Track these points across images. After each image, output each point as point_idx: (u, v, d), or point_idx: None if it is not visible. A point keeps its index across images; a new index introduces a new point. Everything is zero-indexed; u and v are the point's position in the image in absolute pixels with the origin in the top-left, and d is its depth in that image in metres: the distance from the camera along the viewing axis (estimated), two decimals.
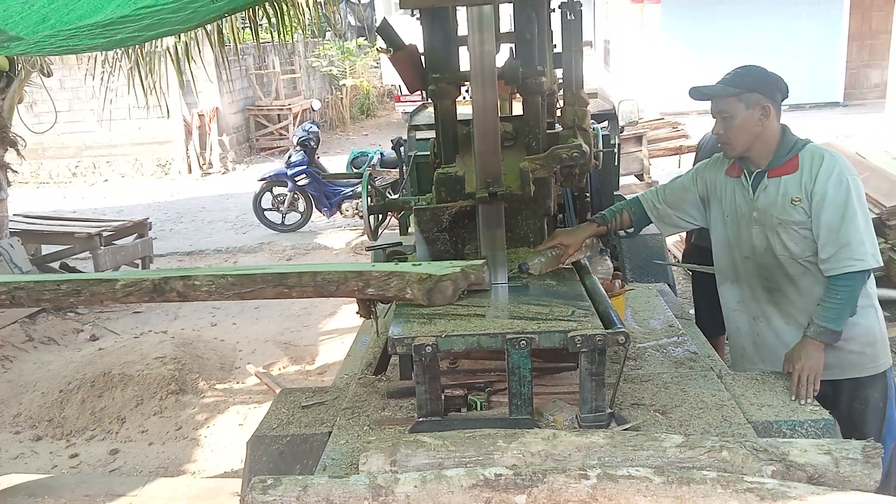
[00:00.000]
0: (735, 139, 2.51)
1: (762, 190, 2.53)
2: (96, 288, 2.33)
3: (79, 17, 3.00)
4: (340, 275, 2.29)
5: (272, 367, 5.24)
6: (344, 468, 2.10)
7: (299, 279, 2.29)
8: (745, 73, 2.51)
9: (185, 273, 2.34)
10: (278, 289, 2.30)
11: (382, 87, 19.37)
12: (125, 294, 2.32)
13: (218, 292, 2.30)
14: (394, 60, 2.71)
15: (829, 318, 2.41)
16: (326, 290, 2.30)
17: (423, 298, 2.24)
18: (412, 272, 2.27)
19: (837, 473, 1.73)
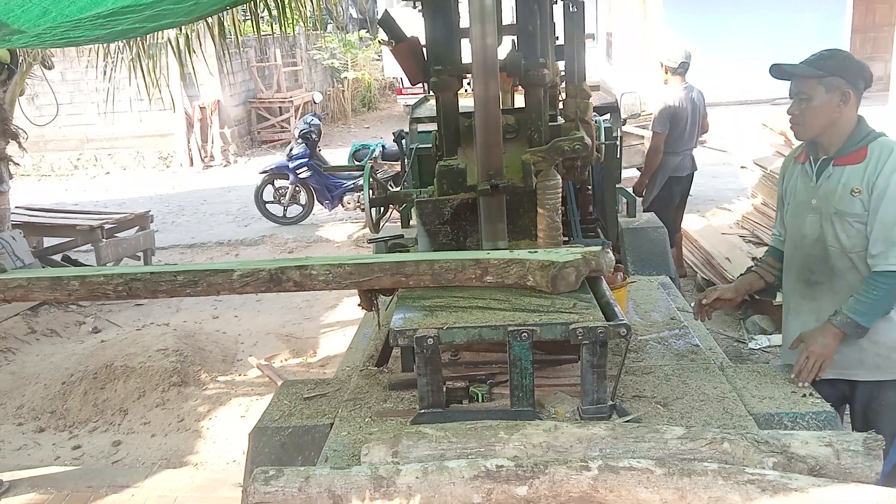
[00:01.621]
0: (809, 122, 2.45)
1: (825, 178, 2.48)
2: (213, 278, 2.33)
3: (80, 9, 2.99)
4: (458, 262, 2.30)
5: (274, 359, 5.25)
6: (346, 459, 2.11)
7: (416, 267, 2.30)
8: (830, 56, 2.44)
9: (302, 263, 2.34)
10: (395, 277, 2.31)
11: (384, 80, 19.33)
12: (242, 284, 2.32)
13: (335, 281, 2.31)
14: (395, 53, 2.70)
15: (860, 312, 2.38)
16: (444, 278, 2.31)
17: (547, 286, 2.24)
18: (533, 259, 2.27)
19: (838, 465, 1.74)
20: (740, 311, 5.24)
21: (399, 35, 2.66)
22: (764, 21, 13.94)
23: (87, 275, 2.42)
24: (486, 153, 2.40)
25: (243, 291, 2.37)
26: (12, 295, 2.52)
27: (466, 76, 2.62)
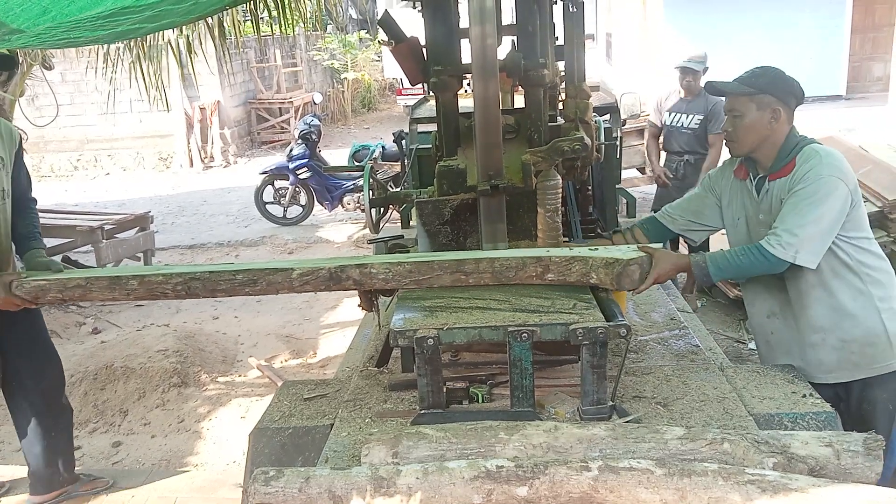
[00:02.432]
0: (742, 138, 2.50)
1: (765, 193, 2.52)
2: (273, 277, 2.34)
3: (80, 9, 2.99)
4: (519, 260, 2.30)
5: (274, 359, 5.24)
6: (346, 460, 2.10)
7: (477, 265, 2.30)
8: (762, 73, 2.49)
9: (362, 261, 2.35)
10: (455, 275, 2.31)
11: (384, 80, 19.35)
12: (302, 283, 2.33)
13: (395, 279, 2.32)
14: (395, 53, 2.70)
15: (717, 265, 2.41)
16: (504, 276, 2.31)
17: (612, 283, 2.25)
18: (596, 256, 2.27)
19: (839, 465, 1.74)
20: (739, 312, 5.24)
21: (399, 35, 2.66)
22: (764, 21, 13.94)
23: (145, 274, 2.43)
24: (485, 153, 2.40)
25: (302, 290, 2.37)
26: (70, 294, 2.54)
27: (466, 76, 2.62)
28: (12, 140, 3.01)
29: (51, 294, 2.56)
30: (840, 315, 2.47)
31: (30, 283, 2.58)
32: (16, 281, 2.59)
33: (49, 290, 2.55)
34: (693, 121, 5.36)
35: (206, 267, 2.47)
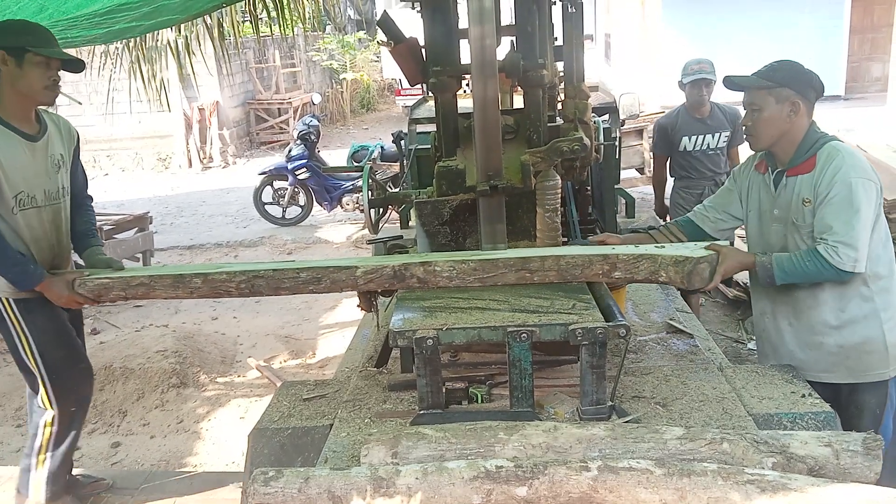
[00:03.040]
0: (761, 133, 2.48)
1: (782, 188, 2.51)
2: (336, 275, 2.34)
3: (76, 6, 2.99)
4: (585, 258, 2.29)
5: (273, 360, 5.24)
6: (345, 460, 2.11)
7: (542, 263, 2.29)
8: (780, 67, 2.47)
9: (426, 259, 2.35)
10: (520, 273, 2.31)
11: (383, 81, 19.34)
12: (366, 281, 2.33)
13: (459, 277, 2.31)
14: (394, 54, 2.70)
15: (783, 269, 2.39)
16: (570, 274, 2.31)
17: (682, 281, 2.24)
18: (665, 254, 2.26)
19: (838, 465, 1.74)
20: (739, 312, 5.24)
21: (398, 36, 2.66)
22: (763, 22, 13.95)
23: (209, 272, 2.42)
24: (485, 154, 2.40)
25: (366, 288, 2.37)
26: (133, 293, 2.54)
27: (465, 77, 2.62)
28: (71, 137, 3.02)
29: (114, 292, 2.55)
30: (843, 320, 2.47)
31: (93, 282, 2.57)
32: (78, 279, 2.59)
33: (112, 288, 2.54)
34: (721, 139, 4.62)
35: (270, 265, 2.46)
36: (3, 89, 2.72)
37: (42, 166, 2.84)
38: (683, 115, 4.65)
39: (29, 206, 2.79)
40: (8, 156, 2.71)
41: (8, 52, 2.66)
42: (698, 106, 4.57)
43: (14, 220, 2.76)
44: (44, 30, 2.76)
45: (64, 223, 2.96)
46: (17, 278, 2.72)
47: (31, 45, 2.66)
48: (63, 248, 2.96)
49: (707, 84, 4.50)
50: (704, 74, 4.47)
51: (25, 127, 2.79)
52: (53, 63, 2.72)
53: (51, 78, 2.73)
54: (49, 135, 2.87)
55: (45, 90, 2.74)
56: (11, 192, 2.73)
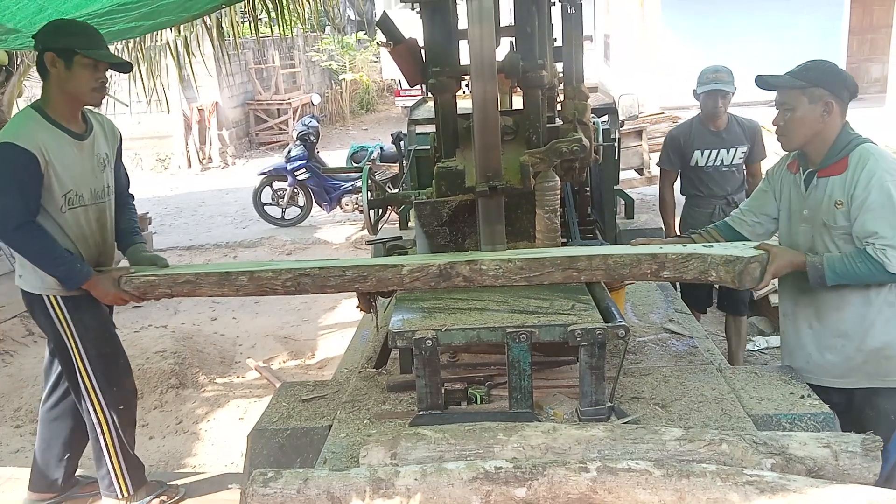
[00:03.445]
0: (793, 133, 2.46)
1: (813, 188, 2.48)
2: (382, 274, 2.33)
3: (75, 7, 2.99)
4: (633, 257, 2.28)
5: (272, 361, 5.24)
6: (344, 461, 2.10)
7: (589, 262, 2.29)
8: (814, 66, 2.45)
9: (472, 257, 2.34)
10: (567, 272, 2.30)
11: (382, 82, 19.34)
12: (412, 279, 2.32)
13: (505, 276, 2.30)
14: (394, 54, 2.71)
15: (834, 270, 2.34)
16: (618, 273, 2.30)
17: (733, 281, 2.23)
18: (715, 254, 2.26)
19: (837, 466, 1.74)
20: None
21: (397, 37, 2.66)
22: (762, 22, 13.97)
23: (255, 270, 2.42)
24: (484, 155, 2.40)
25: (412, 287, 2.36)
26: (179, 290, 2.53)
27: (465, 78, 2.62)
28: (115, 137, 3.03)
29: (159, 290, 2.55)
30: (867, 325, 2.44)
31: (139, 279, 2.57)
32: (124, 277, 2.58)
33: (158, 285, 2.54)
34: (737, 155, 4.13)
35: (316, 263, 2.46)
36: (52, 90, 2.74)
37: (89, 165, 2.85)
38: (697, 126, 4.18)
39: (77, 205, 2.81)
40: (58, 155, 2.72)
41: (57, 54, 2.67)
42: (713, 118, 4.09)
43: (62, 219, 2.77)
44: (93, 31, 2.77)
45: (109, 222, 2.98)
46: (66, 276, 2.72)
47: (79, 46, 2.67)
48: (108, 246, 2.98)
49: (723, 95, 4.02)
50: (720, 85, 3.99)
51: (73, 126, 2.81)
52: (101, 65, 2.73)
53: (98, 80, 2.74)
54: (95, 134, 2.89)
55: (92, 92, 2.76)
56: (61, 191, 2.75)
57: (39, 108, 2.76)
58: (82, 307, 2.85)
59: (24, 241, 2.69)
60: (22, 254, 2.75)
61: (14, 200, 2.65)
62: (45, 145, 2.69)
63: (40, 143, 2.68)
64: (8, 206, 2.65)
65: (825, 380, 2.52)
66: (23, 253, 2.74)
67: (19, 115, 2.79)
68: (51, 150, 2.70)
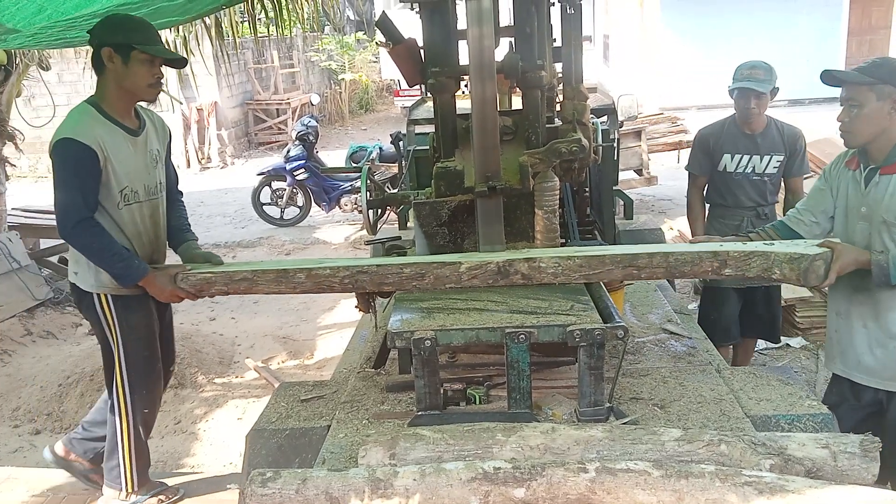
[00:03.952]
0: (858, 129, 2.44)
1: (873, 185, 2.45)
2: (440, 271, 2.32)
3: (75, 7, 2.99)
4: (694, 255, 2.26)
5: (271, 361, 5.24)
6: (343, 461, 2.10)
7: (650, 260, 2.26)
8: (883, 63, 2.42)
9: (530, 255, 2.32)
10: (627, 270, 2.28)
11: (381, 82, 19.34)
12: (470, 277, 2.31)
13: (564, 274, 2.28)
14: (393, 54, 2.71)
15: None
16: (679, 271, 2.28)
17: (798, 279, 2.21)
18: (778, 252, 2.23)
19: (835, 467, 1.74)
20: None
21: (396, 37, 2.66)
22: (761, 23, 13.98)
23: (312, 268, 2.40)
24: (483, 155, 2.40)
25: (469, 284, 2.34)
26: (235, 288, 2.51)
27: (464, 78, 2.62)
28: (165, 133, 3.04)
29: (216, 287, 2.53)
30: None
31: (195, 276, 2.55)
32: (181, 273, 2.57)
33: (215, 283, 2.52)
34: (771, 164, 3.67)
35: (373, 260, 2.45)
36: (108, 85, 2.75)
37: (142, 161, 2.85)
38: (731, 127, 3.73)
39: (132, 202, 2.81)
40: (114, 150, 2.72)
41: (115, 50, 2.67)
42: (747, 120, 3.63)
43: (119, 216, 2.78)
44: (149, 26, 2.77)
45: (161, 219, 2.99)
46: (123, 273, 2.71)
47: (137, 42, 2.67)
48: (161, 243, 2.99)
49: (758, 96, 3.56)
50: (752, 84, 3.54)
51: (127, 122, 2.81)
52: (157, 60, 2.74)
53: (154, 76, 2.75)
54: (147, 130, 2.90)
55: (148, 88, 2.77)
56: (118, 187, 2.75)
57: (95, 104, 2.76)
58: (130, 307, 2.87)
59: (84, 237, 2.67)
60: (81, 250, 2.75)
61: (74, 197, 2.64)
62: (103, 140, 2.69)
63: (98, 138, 2.68)
64: (68, 202, 2.65)
65: (872, 380, 2.48)
66: (81, 249, 2.73)
67: (76, 111, 2.78)
68: (108, 145, 2.70)
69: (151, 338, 3.00)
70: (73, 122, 2.71)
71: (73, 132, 2.65)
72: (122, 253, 2.70)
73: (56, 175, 2.69)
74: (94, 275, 2.81)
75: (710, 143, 3.76)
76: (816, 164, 5.60)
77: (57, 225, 2.68)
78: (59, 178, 2.67)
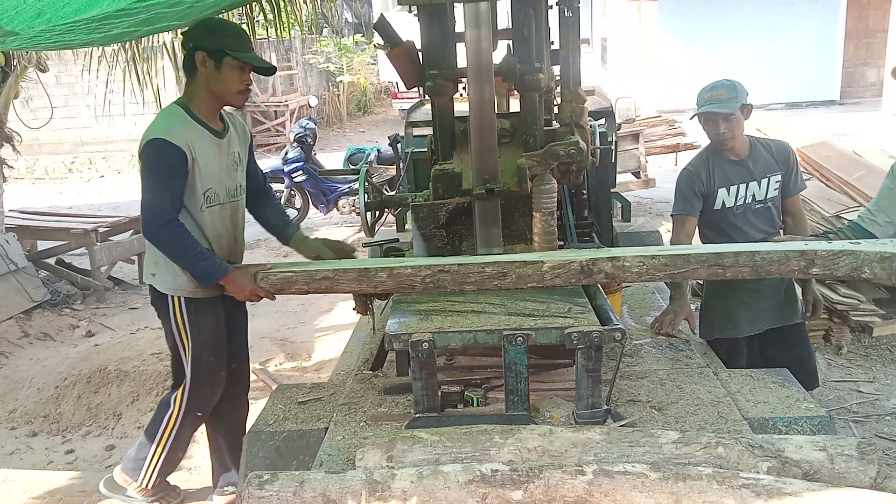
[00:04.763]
0: None
1: None
2: (522, 270, 2.30)
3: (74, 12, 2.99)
4: (781, 254, 2.23)
5: (268, 363, 5.23)
6: (340, 464, 2.10)
7: (736, 259, 2.24)
8: None
9: (614, 254, 2.30)
10: (713, 269, 2.25)
11: (379, 84, 19.35)
12: (553, 276, 2.29)
13: (648, 273, 2.26)
14: (391, 57, 2.71)
15: None
16: (765, 270, 2.25)
17: (889, 278, 2.19)
18: (868, 251, 2.20)
19: (833, 470, 1.74)
20: None
21: (395, 39, 2.67)
22: (759, 26, 14.01)
23: (394, 266, 2.38)
24: (481, 157, 2.41)
25: (552, 283, 2.32)
26: (316, 287, 2.49)
27: (462, 80, 2.62)
28: (246, 137, 3.05)
29: (296, 286, 2.51)
30: None
31: (276, 275, 2.53)
32: (261, 272, 2.55)
33: (296, 281, 2.50)
34: (770, 186, 3.17)
35: (455, 259, 2.43)
36: (198, 88, 2.76)
37: (225, 164, 2.86)
38: (715, 158, 3.19)
39: (214, 203, 2.82)
40: (201, 152, 2.73)
41: (208, 54, 2.68)
42: (723, 146, 3.13)
43: (201, 217, 2.79)
44: (243, 33, 2.79)
45: (241, 221, 3.00)
46: (205, 272, 2.69)
47: (230, 48, 2.68)
48: (239, 245, 3.00)
49: (725, 118, 3.04)
50: (714, 107, 3.05)
51: (213, 124, 2.83)
52: (248, 67, 2.75)
53: (244, 82, 2.77)
54: (231, 133, 2.91)
55: (238, 94, 2.79)
56: (202, 189, 2.75)
57: (184, 105, 2.77)
58: (201, 311, 2.88)
59: (169, 238, 2.66)
60: (164, 250, 2.73)
61: (162, 197, 2.64)
62: (192, 142, 2.70)
63: (188, 139, 2.69)
64: (156, 203, 2.64)
65: None
66: (166, 250, 2.72)
67: (166, 112, 2.79)
68: (196, 147, 2.71)
69: (220, 343, 2.98)
70: (165, 123, 2.72)
71: (166, 133, 2.65)
72: (204, 252, 2.69)
73: (145, 175, 2.69)
74: (172, 278, 2.82)
75: (702, 180, 3.17)
76: (814, 167, 5.62)
77: (143, 224, 2.68)
78: (149, 178, 2.68)
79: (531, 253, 2.49)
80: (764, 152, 3.19)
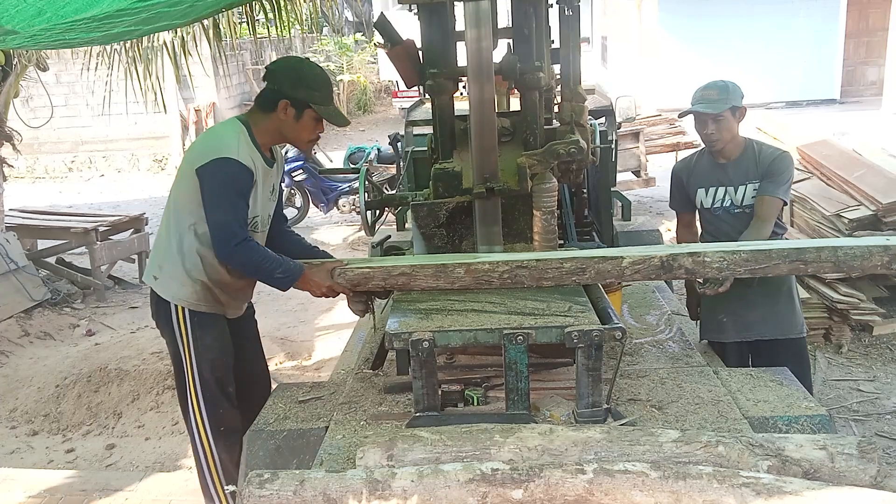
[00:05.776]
0: None
1: None
2: (602, 266, 2.28)
3: (75, 11, 2.99)
4: (864, 249, 2.22)
5: (269, 362, 5.23)
6: (341, 463, 2.10)
7: (818, 254, 2.23)
8: None
9: (695, 249, 2.30)
10: (794, 264, 2.24)
11: (380, 83, 19.34)
12: (633, 272, 2.28)
13: (729, 269, 2.25)
14: (391, 56, 2.71)
15: None
16: (847, 266, 2.24)
17: None
18: None
19: (833, 468, 1.74)
20: None
21: (395, 38, 2.67)
22: (759, 25, 14.00)
23: (472, 262, 2.36)
24: (481, 156, 2.41)
25: (631, 279, 2.32)
26: (393, 282, 2.47)
27: (462, 79, 2.62)
28: (282, 168, 3.00)
29: (374, 282, 2.48)
30: None
31: (353, 271, 2.51)
32: (338, 268, 2.54)
33: (373, 277, 2.47)
34: (747, 194, 3.09)
35: (532, 255, 2.40)
36: (270, 125, 2.70)
37: (268, 192, 2.82)
38: (703, 158, 3.24)
39: (256, 231, 2.77)
40: (258, 178, 2.69)
41: (291, 103, 2.64)
42: (710, 147, 3.14)
43: None
44: (328, 84, 2.73)
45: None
46: (284, 277, 2.61)
47: (315, 101, 2.64)
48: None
49: (715, 119, 3.02)
50: (702, 106, 3.04)
51: (267, 153, 2.78)
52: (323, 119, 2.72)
53: (318, 132, 2.74)
54: (276, 164, 2.87)
55: (308, 142, 2.78)
56: (252, 214, 2.71)
57: (248, 127, 2.70)
58: (206, 325, 2.79)
59: (244, 259, 2.60)
60: (241, 269, 2.67)
61: (234, 217, 2.57)
62: (254, 165, 2.65)
63: (253, 163, 2.65)
64: (230, 222, 2.57)
65: None
66: (242, 268, 2.67)
67: (232, 129, 2.70)
68: (258, 172, 2.67)
69: (227, 359, 2.89)
70: (233, 143, 2.63)
71: (236, 153, 2.60)
72: (277, 260, 2.63)
73: (216, 193, 2.59)
74: (177, 286, 2.74)
75: (682, 178, 3.29)
76: (814, 165, 5.62)
77: (215, 245, 2.61)
78: (220, 196, 2.58)
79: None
80: (752, 159, 3.11)
